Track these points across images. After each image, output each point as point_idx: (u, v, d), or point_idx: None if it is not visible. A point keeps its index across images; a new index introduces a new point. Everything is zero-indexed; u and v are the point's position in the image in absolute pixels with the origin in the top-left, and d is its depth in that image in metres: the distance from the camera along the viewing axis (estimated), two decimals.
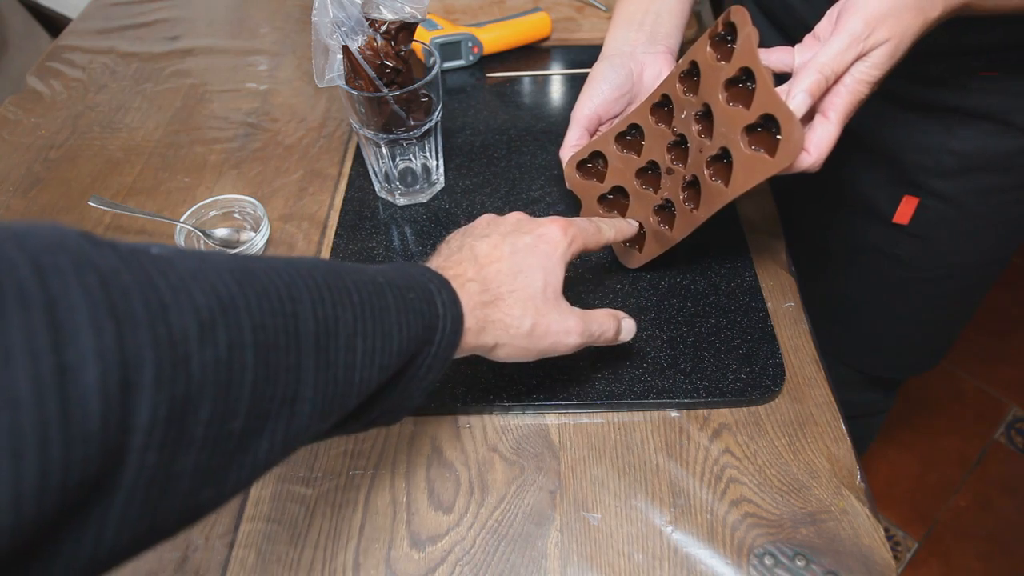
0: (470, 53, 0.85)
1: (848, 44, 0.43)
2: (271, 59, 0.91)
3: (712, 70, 0.49)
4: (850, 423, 0.54)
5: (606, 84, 0.60)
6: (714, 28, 0.49)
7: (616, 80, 0.59)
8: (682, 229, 0.55)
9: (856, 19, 0.43)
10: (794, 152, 0.44)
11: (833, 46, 0.43)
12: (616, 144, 0.59)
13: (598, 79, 0.60)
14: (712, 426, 0.53)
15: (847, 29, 0.43)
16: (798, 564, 0.46)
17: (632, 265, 0.61)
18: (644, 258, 0.59)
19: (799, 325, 0.59)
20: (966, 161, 0.64)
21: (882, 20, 0.43)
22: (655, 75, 0.60)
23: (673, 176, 0.55)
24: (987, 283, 0.78)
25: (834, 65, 0.44)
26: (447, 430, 0.53)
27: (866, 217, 0.73)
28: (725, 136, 0.49)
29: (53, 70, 0.90)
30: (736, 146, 0.48)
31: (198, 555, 0.48)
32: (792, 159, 0.45)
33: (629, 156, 0.58)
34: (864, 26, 0.43)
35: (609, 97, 0.60)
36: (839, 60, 0.43)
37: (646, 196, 0.58)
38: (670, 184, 0.56)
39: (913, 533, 1.33)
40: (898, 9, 0.43)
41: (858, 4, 0.43)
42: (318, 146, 0.78)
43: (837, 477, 0.50)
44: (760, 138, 0.47)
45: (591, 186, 0.61)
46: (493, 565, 0.47)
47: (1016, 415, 1.48)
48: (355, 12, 0.56)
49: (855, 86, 0.45)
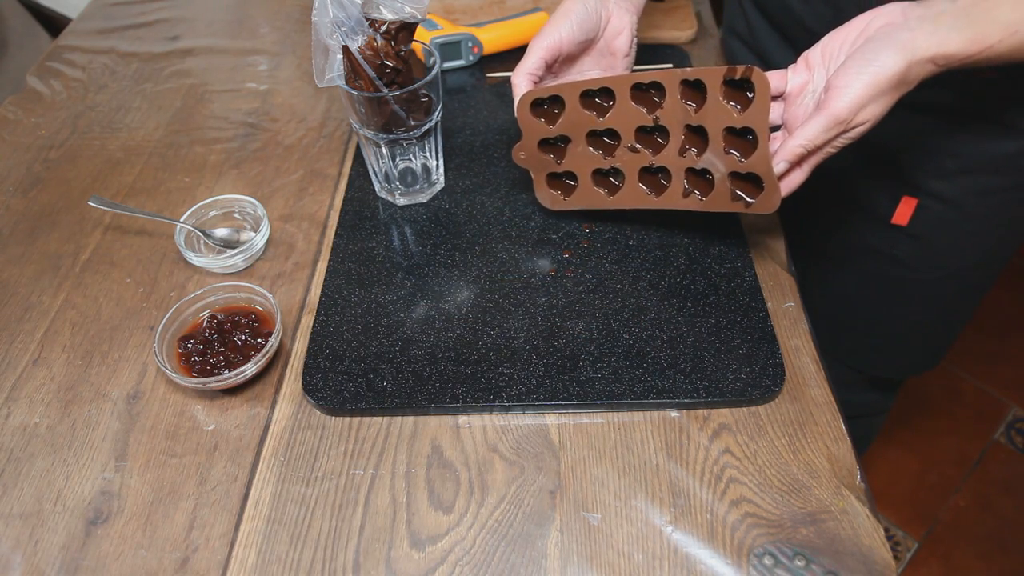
0: (470, 53, 0.85)
1: (832, 125, 0.48)
2: (271, 59, 0.91)
3: (720, 106, 0.53)
4: (850, 423, 0.54)
5: (575, 20, 0.60)
6: (732, 70, 0.51)
7: (584, 20, 0.60)
8: (627, 201, 0.60)
9: (843, 104, 0.47)
10: (770, 208, 0.53)
11: (819, 124, 0.48)
12: (581, 98, 0.59)
13: (568, 13, 0.60)
14: (712, 426, 0.53)
15: (833, 113, 0.47)
16: (798, 564, 0.46)
17: (551, 206, 0.65)
18: (564, 206, 0.64)
19: (799, 325, 0.59)
20: (965, 162, 0.64)
21: (866, 105, 0.47)
22: (617, 29, 0.62)
23: (636, 155, 0.59)
24: (987, 283, 0.78)
25: (817, 141, 0.49)
26: (447, 430, 0.53)
27: (865, 218, 0.73)
28: (713, 165, 0.55)
29: (53, 70, 0.90)
30: (722, 181, 0.55)
31: (198, 555, 0.48)
32: (766, 212, 0.53)
33: (589, 115, 0.59)
34: (849, 112, 0.47)
35: (574, 34, 0.60)
36: (822, 137, 0.48)
37: (590, 157, 0.61)
38: (628, 159, 0.59)
39: (913, 533, 1.33)
40: (882, 93, 0.47)
41: (847, 89, 0.47)
42: (318, 146, 0.78)
43: (837, 477, 0.50)
44: (744, 182, 0.54)
45: (539, 126, 0.61)
46: (493, 565, 0.47)
47: (1016, 415, 1.48)
48: (355, 12, 0.56)
49: (830, 149, 0.50)
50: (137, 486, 0.51)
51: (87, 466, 0.53)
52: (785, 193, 0.53)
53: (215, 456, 0.53)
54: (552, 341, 0.57)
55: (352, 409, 0.54)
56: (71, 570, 0.48)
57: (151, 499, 0.51)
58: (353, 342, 0.58)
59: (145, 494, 0.51)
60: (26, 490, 0.52)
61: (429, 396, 0.54)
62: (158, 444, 0.54)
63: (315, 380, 0.55)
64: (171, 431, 0.54)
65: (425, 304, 0.60)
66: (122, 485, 0.52)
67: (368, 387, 0.55)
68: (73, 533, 0.49)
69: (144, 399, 0.56)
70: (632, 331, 0.57)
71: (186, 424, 0.55)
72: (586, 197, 0.63)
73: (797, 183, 0.53)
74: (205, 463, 0.52)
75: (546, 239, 0.65)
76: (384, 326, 0.59)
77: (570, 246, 0.64)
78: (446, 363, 0.56)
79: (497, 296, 0.60)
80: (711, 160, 0.55)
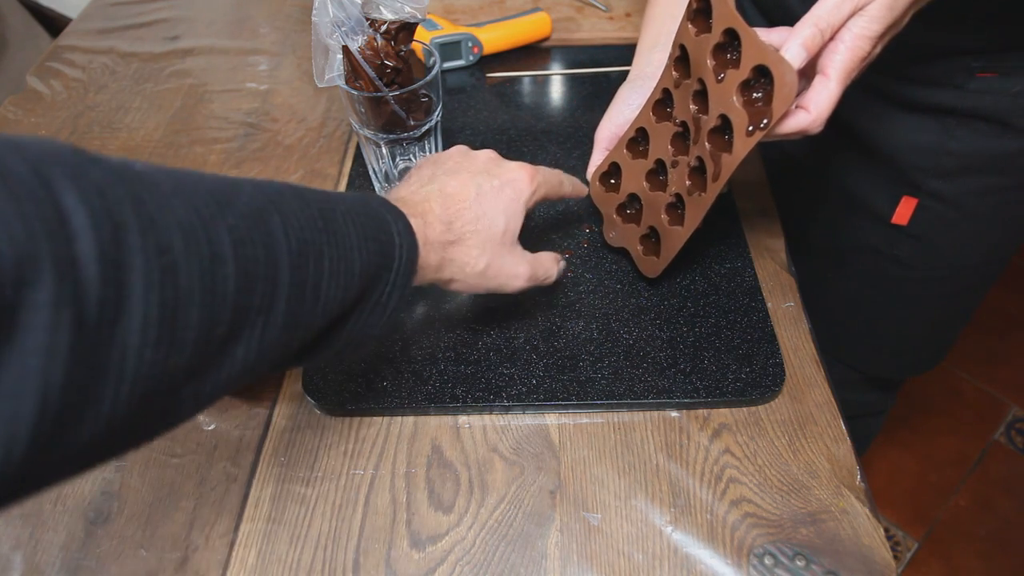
0: (470, 53, 0.85)
1: None
2: (271, 59, 0.91)
3: (698, 45, 0.49)
4: (850, 423, 0.54)
5: (627, 106, 0.60)
6: (690, 5, 0.49)
7: (637, 101, 0.59)
8: (692, 219, 0.54)
9: None
10: (789, 95, 0.43)
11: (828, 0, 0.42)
12: (627, 151, 0.59)
13: (620, 102, 0.61)
14: (712, 426, 0.53)
15: None
16: (798, 564, 0.46)
17: (653, 273, 0.59)
18: (663, 263, 0.58)
19: (799, 325, 0.59)
20: (965, 162, 0.64)
21: None
22: None
23: (678, 168, 0.55)
24: (987, 283, 0.78)
25: (829, 19, 0.42)
26: (447, 430, 0.53)
27: (865, 218, 0.73)
28: (721, 102, 0.48)
29: (53, 70, 0.90)
30: (733, 108, 0.47)
31: (198, 555, 0.48)
32: (788, 102, 0.43)
33: (638, 161, 0.58)
34: None
35: (630, 118, 0.60)
36: (835, 13, 0.42)
37: (656, 198, 0.57)
38: (676, 177, 0.55)
39: (913, 533, 1.33)
40: None
41: None
42: (318, 146, 0.78)
43: (837, 477, 0.50)
44: (755, 95, 0.46)
45: (611, 198, 0.61)
46: (493, 565, 0.47)
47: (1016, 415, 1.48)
48: (355, 12, 0.56)
49: (854, 42, 0.43)
50: (137, 486, 0.51)
51: None
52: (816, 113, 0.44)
53: (215, 456, 0.53)
54: (552, 341, 0.57)
55: (352, 409, 0.54)
56: (71, 570, 0.48)
57: (151, 499, 0.51)
58: None
59: (145, 494, 0.51)
60: None
61: (429, 396, 0.54)
62: (158, 444, 0.54)
63: (315, 380, 0.55)
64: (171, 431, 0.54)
65: (425, 304, 0.60)
66: (122, 485, 0.52)
67: (368, 387, 0.55)
68: (73, 533, 0.49)
69: None
70: (632, 331, 0.57)
71: (186, 424, 0.55)
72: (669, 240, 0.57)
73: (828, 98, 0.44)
74: (205, 463, 0.52)
75: (546, 239, 0.65)
76: None
77: (570, 246, 0.64)
78: (446, 363, 0.56)
79: (497, 296, 0.60)
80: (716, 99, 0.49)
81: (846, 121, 0.69)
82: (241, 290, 0.28)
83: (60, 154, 0.24)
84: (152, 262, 0.24)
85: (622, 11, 0.94)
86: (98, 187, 0.23)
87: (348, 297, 0.36)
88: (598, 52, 0.86)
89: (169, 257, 0.25)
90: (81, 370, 0.22)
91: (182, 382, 0.27)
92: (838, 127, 0.70)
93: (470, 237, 0.46)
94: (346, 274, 0.35)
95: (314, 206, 0.35)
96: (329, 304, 0.35)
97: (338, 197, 0.38)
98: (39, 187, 0.22)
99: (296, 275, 0.32)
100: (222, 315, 0.28)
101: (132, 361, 0.24)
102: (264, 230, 0.31)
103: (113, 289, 0.23)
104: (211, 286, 0.27)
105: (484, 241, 0.47)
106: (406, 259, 0.40)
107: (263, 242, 0.30)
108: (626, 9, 0.94)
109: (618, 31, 0.91)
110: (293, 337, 0.33)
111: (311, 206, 0.35)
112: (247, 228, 0.30)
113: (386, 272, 0.39)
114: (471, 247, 0.46)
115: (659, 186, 0.58)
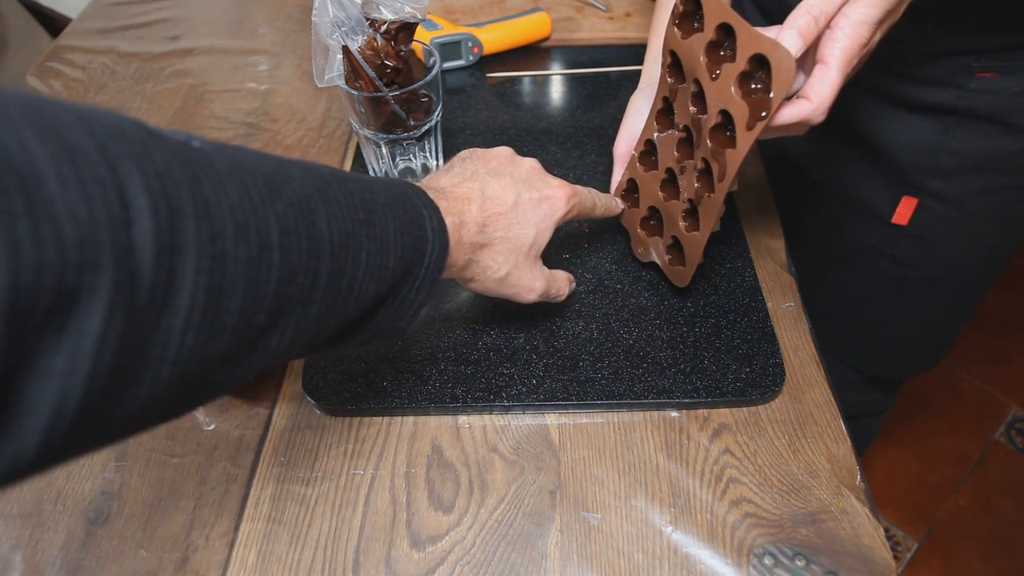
0: (470, 53, 0.85)
1: None
2: (271, 59, 0.91)
3: (688, 47, 0.49)
4: (850, 423, 0.54)
5: (639, 115, 0.60)
6: (675, 8, 0.48)
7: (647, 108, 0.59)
8: (706, 222, 0.53)
9: None
10: (787, 79, 0.41)
11: None
12: (640, 164, 0.59)
13: (632, 111, 0.61)
14: (712, 426, 0.53)
15: None
16: (798, 564, 0.46)
17: (682, 282, 0.58)
18: (689, 270, 0.57)
19: (799, 325, 0.59)
20: (965, 162, 0.64)
21: None
22: None
23: (686, 173, 0.54)
24: (987, 283, 0.78)
25: (823, 6, 0.41)
26: (447, 430, 0.53)
27: (865, 217, 0.73)
28: (719, 97, 0.47)
29: (53, 70, 0.90)
30: (732, 101, 0.46)
31: (198, 555, 0.48)
32: (787, 87, 0.42)
33: (651, 173, 0.58)
34: None
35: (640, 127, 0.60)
36: (828, 1, 0.41)
37: (672, 207, 0.57)
38: (686, 183, 0.55)
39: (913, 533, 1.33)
40: None
41: None
42: (318, 146, 0.78)
43: (837, 477, 0.50)
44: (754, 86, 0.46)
45: (633, 213, 0.61)
46: (493, 565, 0.47)
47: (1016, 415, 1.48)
48: (355, 12, 0.56)
49: (853, 29, 0.42)
50: (137, 486, 0.51)
51: (87, 466, 0.53)
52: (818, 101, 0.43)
53: (215, 456, 0.53)
54: (552, 341, 0.57)
55: (352, 409, 0.54)
56: (71, 570, 0.48)
57: (151, 499, 0.51)
58: None
59: (145, 494, 0.51)
60: (26, 490, 0.52)
61: (429, 396, 0.54)
62: (158, 444, 0.54)
63: (315, 380, 0.55)
64: (171, 431, 0.54)
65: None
66: (122, 485, 0.52)
67: (368, 387, 0.55)
68: (73, 533, 0.49)
69: None
70: (632, 331, 0.57)
71: (186, 424, 0.55)
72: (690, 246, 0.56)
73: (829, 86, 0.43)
74: (205, 463, 0.52)
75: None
76: None
77: (570, 246, 0.64)
78: (446, 363, 0.56)
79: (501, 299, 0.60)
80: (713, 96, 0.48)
81: (847, 121, 0.69)
82: (283, 280, 0.29)
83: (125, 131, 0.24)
84: (204, 248, 0.24)
85: (622, 11, 0.94)
86: (159, 169, 0.24)
87: (380, 291, 0.36)
88: (598, 52, 0.86)
89: (220, 244, 0.25)
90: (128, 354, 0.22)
91: (217, 366, 0.27)
92: (839, 127, 0.70)
93: (499, 243, 0.47)
94: (380, 268, 0.36)
95: (357, 196, 0.35)
96: (363, 297, 0.35)
97: (379, 187, 0.38)
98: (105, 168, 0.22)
99: (335, 266, 0.32)
100: (263, 304, 0.28)
101: (174, 345, 0.24)
102: (309, 220, 0.31)
103: (165, 275, 0.23)
104: (256, 274, 0.27)
105: (511, 250, 0.48)
106: (437, 255, 0.40)
107: (307, 232, 0.30)
108: (626, 9, 0.94)
109: (618, 31, 0.91)
110: (325, 327, 0.34)
111: (354, 196, 0.35)
112: (294, 217, 0.30)
113: (417, 267, 0.39)
114: (497, 253, 0.47)
115: (673, 194, 0.57)
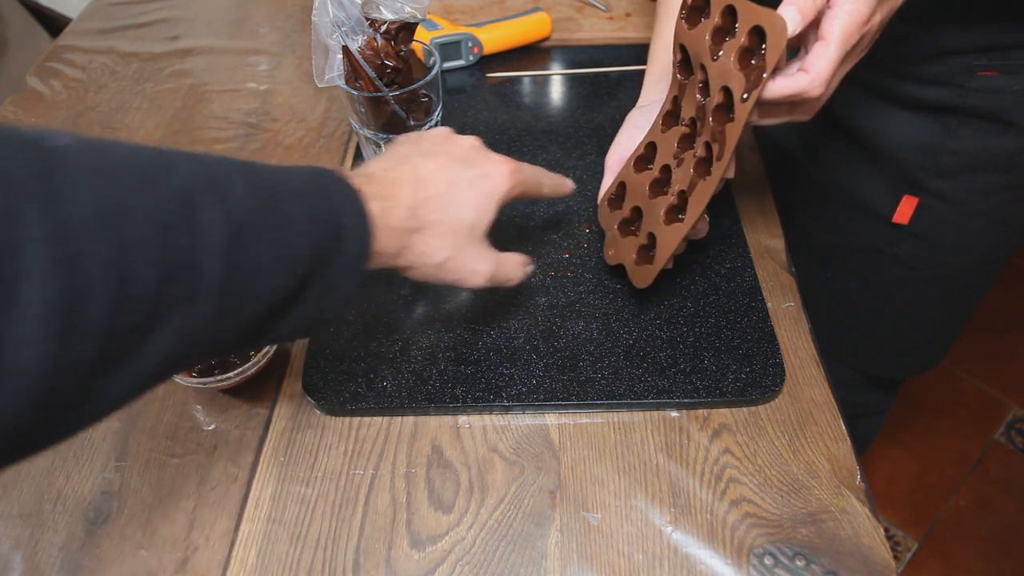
0: (470, 53, 0.84)
1: None
2: (271, 59, 0.91)
3: (696, 36, 0.49)
4: (850, 423, 0.54)
5: (637, 129, 0.60)
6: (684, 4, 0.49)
7: (647, 126, 0.59)
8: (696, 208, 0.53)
9: None
10: (779, 42, 0.42)
11: None
12: (634, 168, 0.59)
13: (630, 125, 0.61)
14: (712, 426, 0.53)
15: None
16: (798, 564, 0.46)
17: (643, 283, 0.57)
18: (656, 267, 0.56)
19: (799, 325, 0.59)
20: (966, 161, 0.64)
21: None
22: None
23: (683, 165, 0.54)
24: (987, 283, 0.78)
25: None
26: (447, 430, 0.53)
27: (866, 217, 0.73)
28: (720, 75, 0.48)
29: (53, 70, 0.90)
30: (731, 75, 0.47)
31: (198, 555, 0.48)
32: (779, 49, 0.43)
33: (643, 174, 0.58)
34: None
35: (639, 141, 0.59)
36: None
37: (656, 204, 0.56)
38: (680, 175, 0.54)
39: (913, 533, 1.33)
40: None
41: None
42: (318, 146, 0.78)
43: (837, 477, 0.50)
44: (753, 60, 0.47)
45: (615, 215, 0.61)
46: (493, 565, 0.47)
47: (1016, 415, 1.48)
48: (355, 12, 0.56)
49: (853, 6, 0.42)
50: (137, 486, 0.51)
51: (87, 466, 0.53)
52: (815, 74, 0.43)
53: (215, 456, 0.53)
54: (552, 341, 0.57)
55: (352, 409, 0.54)
56: (71, 570, 0.48)
57: (151, 499, 0.51)
58: (353, 342, 0.58)
59: (145, 494, 0.51)
60: (26, 490, 0.52)
61: (429, 396, 0.54)
62: (158, 444, 0.54)
63: (315, 380, 0.55)
64: (171, 431, 0.54)
65: (425, 304, 0.60)
66: (122, 485, 0.52)
67: (368, 387, 0.55)
68: (73, 533, 0.49)
69: (144, 399, 0.56)
70: (632, 331, 0.57)
71: (186, 424, 0.55)
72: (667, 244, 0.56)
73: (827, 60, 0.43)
74: (205, 463, 0.52)
75: (546, 239, 0.65)
76: (384, 326, 0.59)
77: (570, 246, 0.64)
78: (446, 363, 0.56)
79: (497, 296, 0.60)
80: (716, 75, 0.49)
81: (847, 120, 0.69)
82: (159, 279, 0.27)
83: None
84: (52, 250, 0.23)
85: (622, 11, 0.94)
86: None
87: (291, 283, 0.35)
88: (598, 52, 0.86)
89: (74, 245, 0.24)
90: None
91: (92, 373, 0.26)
92: (839, 126, 0.70)
93: (434, 227, 0.44)
94: (288, 259, 0.34)
95: (261, 186, 0.34)
96: (269, 290, 0.33)
97: (291, 176, 0.36)
98: None
99: (228, 260, 0.30)
100: (136, 304, 0.26)
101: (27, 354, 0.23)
102: (191, 213, 0.29)
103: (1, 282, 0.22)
104: (122, 274, 0.26)
105: (448, 232, 0.45)
106: (359, 242, 0.38)
107: (187, 227, 0.28)
108: (626, 9, 0.94)
109: (618, 31, 0.91)
110: (226, 324, 0.32)
111: (257, 186, 0.33)
112: (172, 211, 0.28)
113: (336, 256, 0.37)
114: (433, 237, 0.44)
115: (661, 192, 0.57)
